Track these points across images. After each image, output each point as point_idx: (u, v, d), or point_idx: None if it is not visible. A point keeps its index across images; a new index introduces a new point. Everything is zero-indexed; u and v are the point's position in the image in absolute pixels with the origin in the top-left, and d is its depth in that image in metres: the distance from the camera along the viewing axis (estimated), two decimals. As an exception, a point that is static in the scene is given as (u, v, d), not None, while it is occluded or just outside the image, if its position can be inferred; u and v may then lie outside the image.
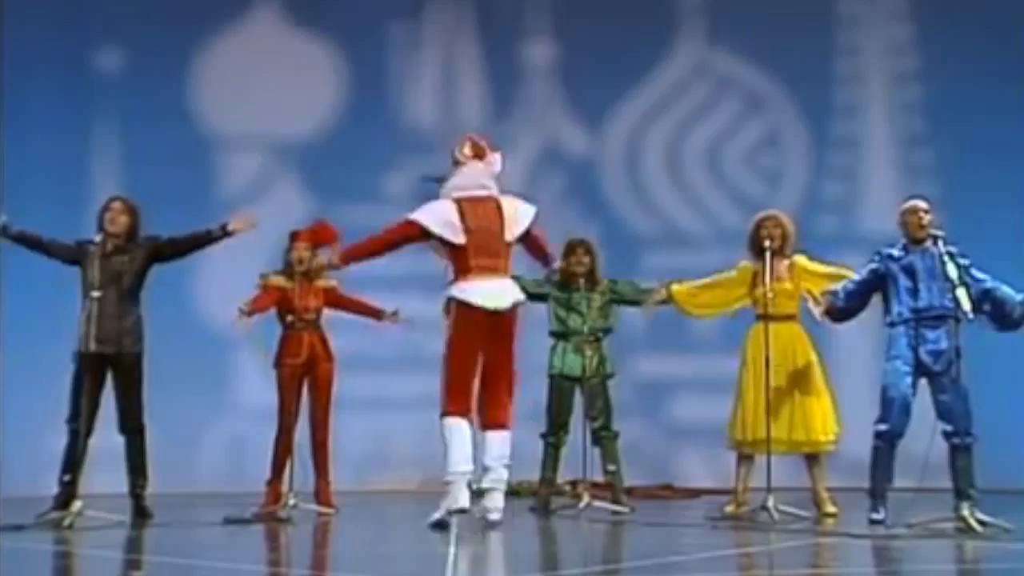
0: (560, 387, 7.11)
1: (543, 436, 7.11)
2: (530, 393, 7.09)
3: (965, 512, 5.60)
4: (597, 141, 9.92)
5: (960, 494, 5.81)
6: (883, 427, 6.02)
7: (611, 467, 7.02)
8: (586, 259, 7.17)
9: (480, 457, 5.90)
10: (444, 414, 5.86)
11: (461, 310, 5.88)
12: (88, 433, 6.40)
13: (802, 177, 9.72)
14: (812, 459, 6.74)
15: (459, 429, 5.83)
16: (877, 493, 6.05)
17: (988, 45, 9.23)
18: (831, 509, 6.61)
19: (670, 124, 9.89)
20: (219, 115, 9.68)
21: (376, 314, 7.39)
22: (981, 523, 5.56)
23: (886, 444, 6.03)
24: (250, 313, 7.03)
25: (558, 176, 9.87)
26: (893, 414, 5.99)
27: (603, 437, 7.03)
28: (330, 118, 9.79)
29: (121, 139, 9.47)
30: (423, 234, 5.98)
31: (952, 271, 5.84)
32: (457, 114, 9.68)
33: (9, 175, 8.87)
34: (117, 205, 6.73)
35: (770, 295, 6.54)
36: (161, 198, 8.52)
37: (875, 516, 5.96)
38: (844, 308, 6.38)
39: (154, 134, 9.29)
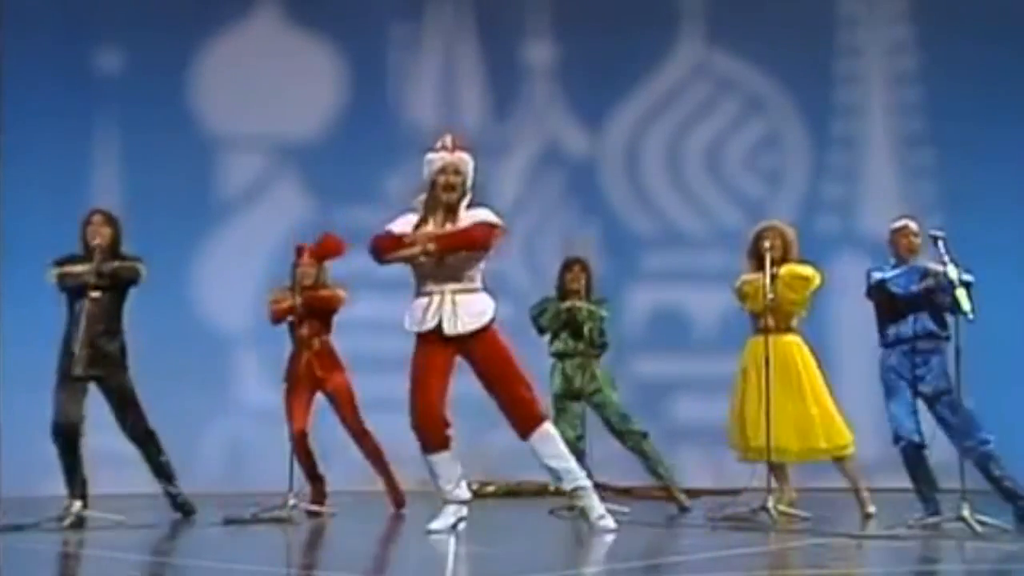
0: (563, 405, 7.23)
1: None
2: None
3: (965, 512, 5.60)
4: (597, 141, 9.92)
5: (1011, 498, 5.87)
6: (900, 444, 6.02)
7: (660, 469, 7.25)
8: (582, 276, 7.25)
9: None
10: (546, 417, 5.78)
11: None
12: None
13: (802, 177, 9.72)
14: (838, 462, 6.74)
15: None
16: (921, 497, 6.05)
17: (988, 45, 9.22)
18: (870, 509, 6.59)
19: (670, 125, 9.90)
20: (219, 116, 9.69)
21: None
22: (981, 523, 5.56)
23: (910, 453, 6.00)
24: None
25: (558, 176, 9.88)
26: (903, 431, 5.97)
27: (632, 441, 7.18)
28: (330, 118, 9.80)
29: (121, 139, 9.47)
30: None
31: (952, 272, 5.83)
32: (457, 114, 9.68)
33: (9, 176, 8.88)
34: (97, 218, 6.56)
35: (770, 297, 6.52)
36: (161, 198, 8.56)
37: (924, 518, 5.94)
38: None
39: (154, 134, 9.30)
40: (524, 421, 5.60)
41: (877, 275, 6.14)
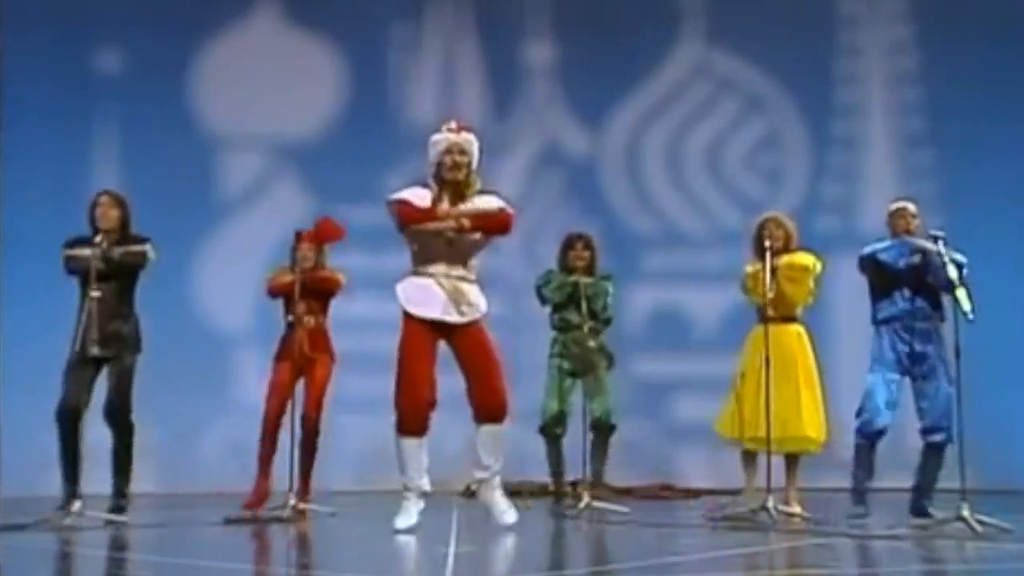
0: (559, 380, 7.20)
1: (542, 431, 7.19)
2: (529, 390, 7.11)
3: (965, 512, 5.60)
4: (597, 141, 9.93)
5: (918, 490, 5.87)
6: (858, 422, 6.06)
7: (596, 464, 7.14)
8: (586, 253, 7.29)
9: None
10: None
11: None
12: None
13: (802, 177, 9.73)
14: (793, 459, 6.77)
15: None
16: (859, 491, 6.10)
17: (988, 45, 9.24)
18: (796, 509, 6.60)
19: (670, 124, 9.91)
20: (219, 116, 9.70)
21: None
22: (981, 523, 5.56)
23: (865, 440, 6.06)
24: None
25: (558, 176, 9.89)
26: (870, 409, 6.01)
27: (600, 428, 7.14)
28: (330, 118, 9.80)
29: (121, 139, 9.48)
30: None
31: (952, 272, 5.83)
32: (457, 114, 9.64)
33: (9, 175, 8.89)
34: (105, 200, 6.58)
35: (770, 294, 6.53)
36: (161, 198, 8.54)
37: (857, 510, 6.00)
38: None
39: (154, 134, 9.31)
40: (492, 411, 5.66)
41: (868, 249, 6.19)
